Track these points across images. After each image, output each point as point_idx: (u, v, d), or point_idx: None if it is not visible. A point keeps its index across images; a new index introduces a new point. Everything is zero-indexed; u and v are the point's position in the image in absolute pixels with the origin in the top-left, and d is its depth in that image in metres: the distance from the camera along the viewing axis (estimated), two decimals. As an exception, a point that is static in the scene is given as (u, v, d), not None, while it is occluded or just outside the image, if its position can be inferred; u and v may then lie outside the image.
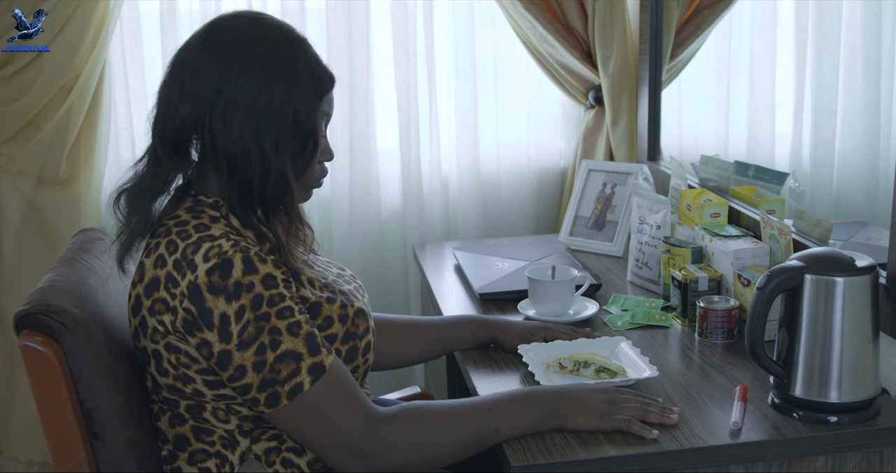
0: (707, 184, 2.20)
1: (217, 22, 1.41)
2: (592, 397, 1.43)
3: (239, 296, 1.28)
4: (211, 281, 1.28)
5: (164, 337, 1.34)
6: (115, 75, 2.53)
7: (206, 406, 1.38)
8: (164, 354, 1.36)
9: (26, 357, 1.31)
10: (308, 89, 1.38)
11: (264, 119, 1.35)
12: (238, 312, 1.28)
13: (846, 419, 1.42)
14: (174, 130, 1.37)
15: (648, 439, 1.38)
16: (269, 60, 1.36)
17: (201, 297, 1.29)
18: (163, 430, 1.43)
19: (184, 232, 1.35)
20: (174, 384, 1.38)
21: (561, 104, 2.77)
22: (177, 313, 1.31)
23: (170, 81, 1.39)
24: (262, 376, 1.29)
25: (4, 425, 2.54)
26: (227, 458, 1.39)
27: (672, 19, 2.49)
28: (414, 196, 2.66)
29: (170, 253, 1.33)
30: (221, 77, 1.35)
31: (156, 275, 1.33)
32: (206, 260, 1.29)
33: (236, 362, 1.29)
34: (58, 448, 1.34)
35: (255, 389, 1.30)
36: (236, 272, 1.29)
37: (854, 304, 1.42)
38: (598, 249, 2.33)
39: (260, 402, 1.31)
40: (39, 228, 2.49)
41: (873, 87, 2.01)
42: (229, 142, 1.35)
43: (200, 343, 1.31)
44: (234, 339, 1.28)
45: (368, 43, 2.58)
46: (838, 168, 2.12)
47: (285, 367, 1.30)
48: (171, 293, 1.31)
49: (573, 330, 1.74)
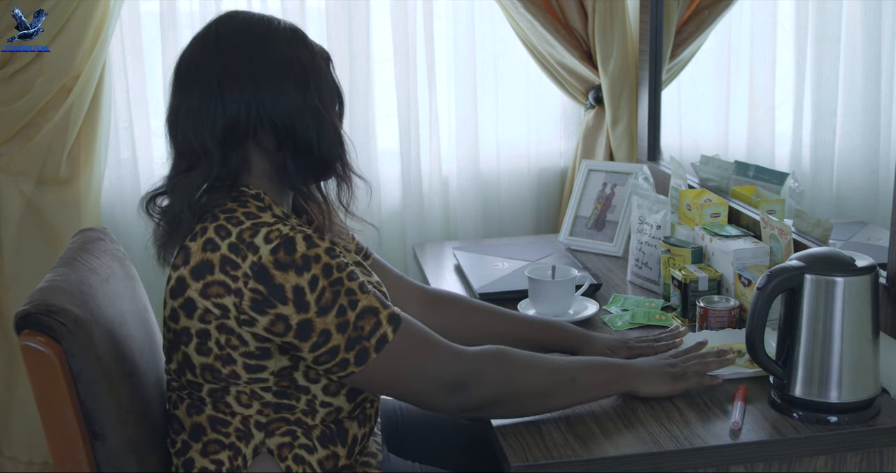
0: (707, 184, 2.20)
1: (213, 26, 1.44)
2: (657, 365, 1.53)
3: (309, 268, 1.31)
4: (277, 259, 1.31)
5: (217, 318, 1.34)
6: (115, 75, 2.53)
7: (231, 390, 1.38)
8: (214, 334, 1.36)
9: (27, 357, 1.31)
10: (318, 54, 1.46)
11: (306, 81, 1.41)
12: (311, 282, 1.31)
13: (846, 419, 1.42)
14: (225, 126, 1.39)
15: (715, 384, 1.51)
16: (285, 36, 1.42)
17: (269, 275, 1.31)
18: (179, 419, 1.43)
19: (233, 218, 1.36)
20: (213, 364, 1.37)
21: (561, 104, 2.77)
22: (241, 295, 1.32)
23: (198, 87, 1.40)
24: (347, 335, 1.33)
25: (4, 425, 2.54)
26: (241, 450, 1.40)
27: (672, 19, 2.49)
28: (414, 196, 2.66)
29: (222, 238, 1.34)
30: (253, 59, 1.39)
31: (206, 259, 1.34)
32: (269, 242, 1.32)
33: (319, 328, 1.32)
34: (58, 449, 1.34)
35: (342, 350, 1.33)
36: (301, 247, 1.32)
37: (854, 304, 1.42)
38: (598, 249, 2.33)
39: (350, 362, 1.33)
40: (39, 228, 2.49)
41: (873, 87, 2.01)
42: (284, 111, 1.39)
43: (275, 319, 1.32)
44: (312, 307, 1.31)
45: (368, 43, 2.58)
46: (838, 168, 2.12)
47: (367, 322, 1.34)
48: (230, 276, 1.32)
49: (655, 345, 1.68)
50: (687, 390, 1.51)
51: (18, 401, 2.52)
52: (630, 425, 1.44)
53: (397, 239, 2.71)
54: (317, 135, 1.41)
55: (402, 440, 1.75)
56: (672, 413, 1.47)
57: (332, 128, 1.43)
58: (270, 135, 1.40)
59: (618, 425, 1.44)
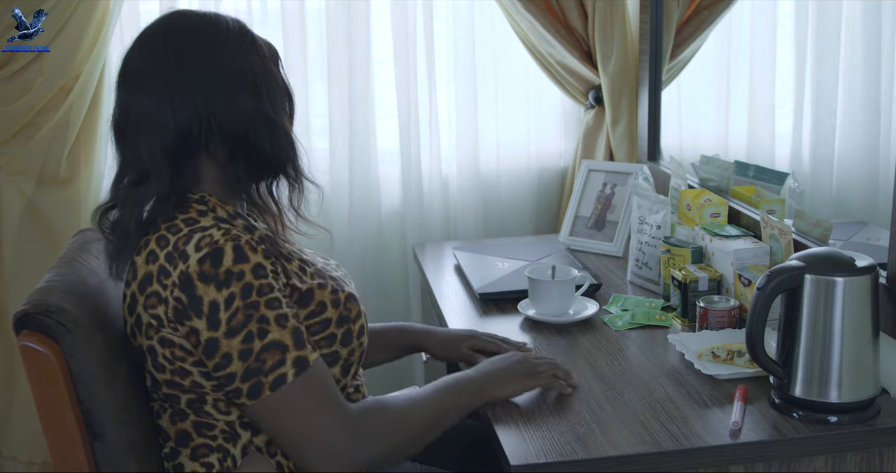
0: (707, 184, 2.20)
1: (158, 28, 1.44)
2: (506, 366, 1.54)
3: (229, 284, 1.29)
4: (202, 270, 1.29)
5: (157, 331, 1.35)
6: (114, 75, 2.50)
7: (207, 399, 1.38)
8: (159, 349, 1.36)
9: (26, 357, 1.31)
10: (270, 53, 1.45)
11: (258, 88, 1.39)
12: (228, 300, 1.29)
13: (846, 419, 1.42)
14: (175, 139, 1.37)
15: (566, 393, 1.52)
16: (234, 40, 1.40)
17: (192, 285, 1.30)
18: (164, 428, 1.43)
19: (173, 226, 1.36)
20: (172, 378, 1.38)
21: (561, 104, 2.77)
22: (168, 303, 1.32)
23: (146, 93, 1.39)
24: (247, 364, 1.30)
25: (4, 425, 2.54)
26: (230, 452, 1.40)
27: (672, 19, 2.49)
28: (414, 196, 2.66)
29: (161, 248, 1.34)
30: (203, 67, 1.37)
31: (148, 271, 1.35)
32: (198, 250, 1.31)
33: (223, 350, 1.30)
34: (58, 449, 1.34)
35: (238, 378, 1.31)
36: (227, 260, 1.30)
37: (854, 304, 1.42)
38: (598, 249, 2.33)
39: (242, 393, 1.31)
40: (39, 228, 2.48)
41: (873, 87, 2.01)
42: (237, 121, 1.37)
43: (189, 331, 1.31)
44: (222, 326, 1.29)
45: (368, 43, 2.58)
46: (838, 168, 2.12)
47: (271, 357, 1.30)
48: (162, 284, 1.32)
49: (503, 341, 1.70)
50: (538, 388, 1.53)
51: (18, 401, 2.52)
52: (630, 425, 1.44)
53: (397, 240, 2.71)
54: (269, 142, 1.40)
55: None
56: (672, 413, 1.47)
57: (283, 134, 1.42)
58: (222, 144, 1.39)
59: (618, 425, 1.44)
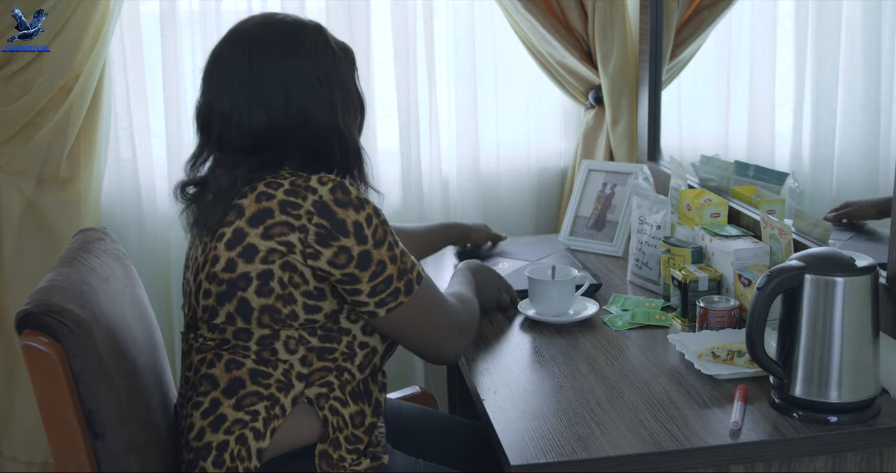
0: (707, 184, 2.20)
1: (241, 29, 1.52)
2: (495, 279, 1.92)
3: (364, 207, 1.45)
4: (336, 198, 1.43)
5: (282, 256, 1.42)
6: (115, 75, 2.53)
7: (281, 335, 1.44)
8: (277, 273, 1.42)
9: (28, 356, 1.31)
10: (349, 62, 1.57)
11: (334, 101, 1.51)
12: (367, 219, 1.45)
13: (846, 419, 1.43)
14: (253, 140, 1.48)
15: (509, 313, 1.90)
16: (313, 44, 1.51)
17: (331, 211, 1.42)
18: (215, 377, 1.46)
19: (274, 183, 1.45)
20: (273, 304, 1.43)
21: (561, 104, 2.77)
22: (306, 230, 1.42)
23: (230, 95, 1.48)
24: (398, 266, 1.47)
25: (4, 425, 2.54)
26: (279, 400, 1.45)
27: (672, 19, 2.49)
28: (414, 196, 2.66)
29: (275, 188, 1.44)
30: (286, 73, 1.48)
31: (263, 207, 1.43)
32: (324, 184, 1.44)
33: (376, 258, 1.45)
34: (59, 448, 1.34)
35: (395, 279, 1.47)
36: (352, 189, 1.45)
37: (854, 304, 1.42)
38: (598, 249, 2.33)
39: (401, 291, 1.47)
40: (39, 228, 2.49)
41: (873, 87, 2.01)
42: (312, 134, 1.50)
43: (338, 250, 1.42)
44: (369, 240, 1.44)
45: (368, 43, 2.58)
46: (838, 168, 2.12)
47: (408, 259, 1.50)
48: (293, 215, 1.42)
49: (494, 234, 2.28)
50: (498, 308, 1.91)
51: (18, 401, 2.52)
52: (630, 425, 1.44)
53: (397, 239, 2.71)
54: (339, 155, 1.53)
55: (404, 440, 1.75)
56: (672, 413, 1.47)
57: (352, 148, 1.55)
58: (305, 148, 1.50)
59: (618, 425, 1.45)
